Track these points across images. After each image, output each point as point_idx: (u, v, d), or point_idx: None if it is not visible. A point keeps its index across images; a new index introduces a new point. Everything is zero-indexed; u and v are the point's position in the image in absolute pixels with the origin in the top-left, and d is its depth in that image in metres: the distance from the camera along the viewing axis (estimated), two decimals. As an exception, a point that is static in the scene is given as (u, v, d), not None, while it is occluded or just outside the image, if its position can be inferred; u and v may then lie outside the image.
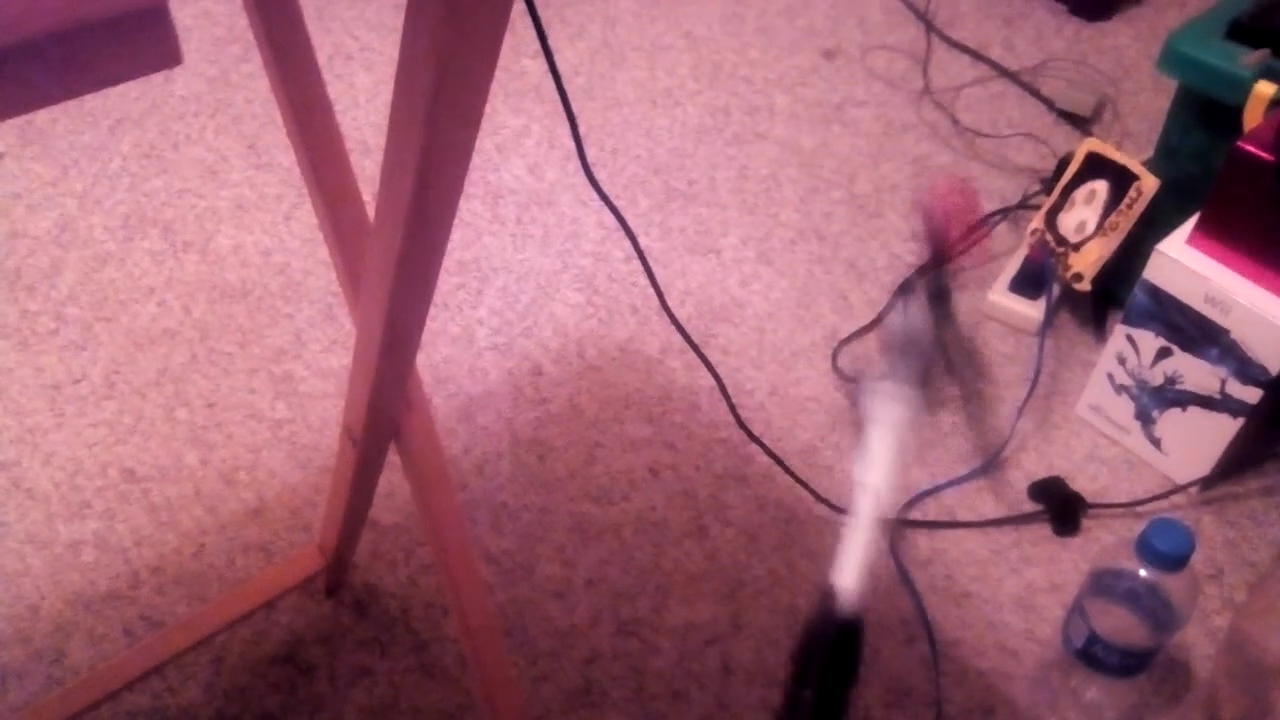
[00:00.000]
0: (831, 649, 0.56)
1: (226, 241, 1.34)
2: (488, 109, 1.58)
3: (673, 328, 1.26)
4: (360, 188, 0.67)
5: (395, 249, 0.50)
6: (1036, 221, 1.29)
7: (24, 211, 1.36)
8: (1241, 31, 1.09)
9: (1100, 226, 1.23)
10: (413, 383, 0.70)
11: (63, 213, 1.36)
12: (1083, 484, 1.13)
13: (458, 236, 1.37)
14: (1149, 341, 1.10)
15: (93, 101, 1.54)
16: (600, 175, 1.47)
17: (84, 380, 1.18)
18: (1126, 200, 1.21)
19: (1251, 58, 1.07)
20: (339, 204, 0.62)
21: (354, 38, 1.65)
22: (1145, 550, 0.85)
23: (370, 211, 0.63)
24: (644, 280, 1.32)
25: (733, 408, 1.15)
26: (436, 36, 0.37)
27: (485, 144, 1.50)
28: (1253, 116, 1.05)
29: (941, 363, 0.68)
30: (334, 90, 1.50)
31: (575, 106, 1.56)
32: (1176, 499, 1.13)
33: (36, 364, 1.19)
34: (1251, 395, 1.04)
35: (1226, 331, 1.02)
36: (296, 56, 0.60)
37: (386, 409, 0.69)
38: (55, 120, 1.49)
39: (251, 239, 1.34)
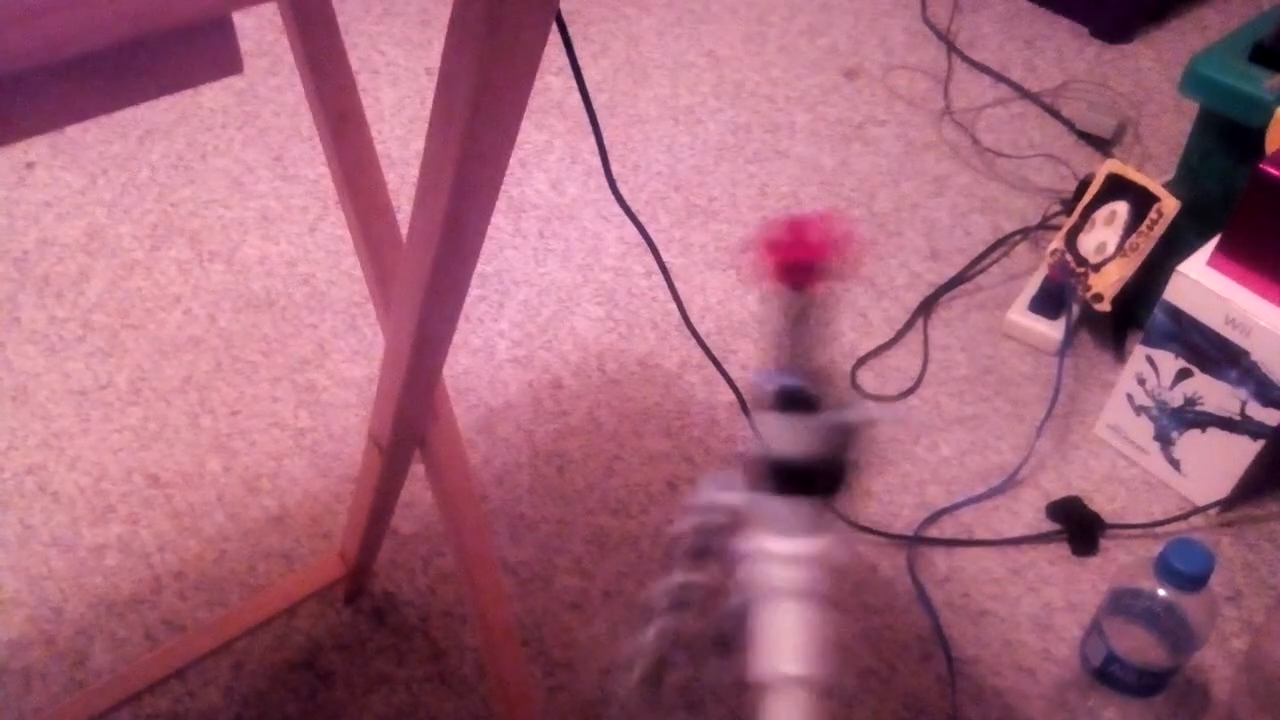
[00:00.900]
0: None
1: (252, 252, 1.35)
2: (511, 124, 1.59)
3: (692, 342, 1.27)
4: (389, 197, 0.68)
5: (429, 259, 0.51)
6: (1056, 242, 1.29)
7: (53, 220, 1.38)
8: (1264, 55, 1.10)
9: (1120, 247, 1.23)
10: (439, 392, 0.71)
11: (91, 221, 1.38)
12: (1101, 504, 1.13)
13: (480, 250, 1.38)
14: (1169, 362, 1.10)
15: (122, 112, 1.56)
16: (621, 191, 1.48)
17: (110, 386, 1.19)
18: (1147, 222, 1.22)
19: (1274, 81, 1.07)
20: (371, 214, 0.64)
21: (380, 52, 1.67)
22: (1164, 569, 0.85)
23: (399, 223, 0.64)
24: (664, 295, 1.33)
25: (752, 424, 1.15)
26: (477, 51, 0.37)
27: (508, 158, 1.52)
28: (1275, 139, 1.05)
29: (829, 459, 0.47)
30: (360, 104, 1.52)
31: (598, 123, 1.58)
32: (1195, 521, 1.12)
33: (64, 370, 1.21)
34: (1272, 417, 1.04)
35: (1247, 353, 1.03)
36: (332, 68, 0.61)
37: (413, 417, 0.70)
38: (85, 130, 1.51)
39: (277, 250, 1.36)
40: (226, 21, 0.24)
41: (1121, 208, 1.25)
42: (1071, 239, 1.28)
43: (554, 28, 0.70)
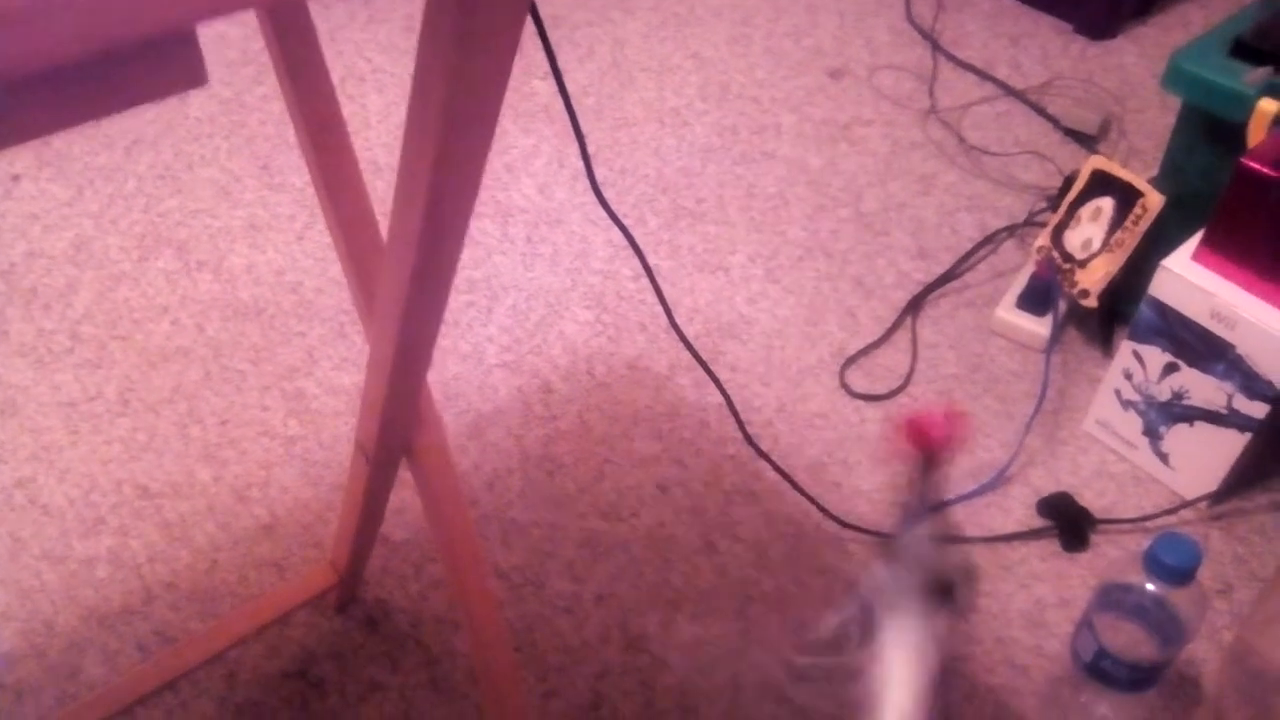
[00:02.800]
0: None
1: (239, 261, 1.35)
2: (498, 129, 1.59)
3: (681, 345, 1.27)
4: (372, 206, 0.68)
5: (408, 267, 0.51)
6: (1043, 239, 1.30)
7: (40, 231, 1.38)
8: (1244, 50, 1.10)
9: (1106, 243, 1.23)
10: (425, 399, 0.71)
11: (79, 233, 1.38)
12: (1090, 499, 1.13)
13: (468, 255, 1.38)
14: (1155, 357, 1.10)
15: (108, 123, 1.56)
16: (609, 194, 1.48)
17: (99, 398, 1.19)
18: (1132, 217, 1.22)
19: (1255, 75, 1.07)
20: (353, 223, 0.64)
21: (366, 60, 1.67)
22: (1152, 564, 0.85)
23: (383, 231, 0.64)
24: (652, 298, 1.33)
25: (741, 424, 1.15)
26: (449, 60, 0.38)
27: (495, 164, 1.52)
28: (1256, 133, 1.06)
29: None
30: (346, 112, 1.52)
31: (584, 127, 1.58)
32: (1185, 514, 1.13)
33: (52, 382, 1.20)
34: (1258, 410, 1.04)
35: (1232, 347, 1.03)
36: (312, 79, 0.61)
37: (399, 425, 0.70)
38: (71, 142, 1.51)
39: (264, 258, 1.36)
40: (190, 35, 0.24)
41: (1107, 203, 1.25)
42: (1058, 235, 1.29)
43: (537, 34, 0.70)
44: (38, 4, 0.21)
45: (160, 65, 0.24)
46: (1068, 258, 1.26)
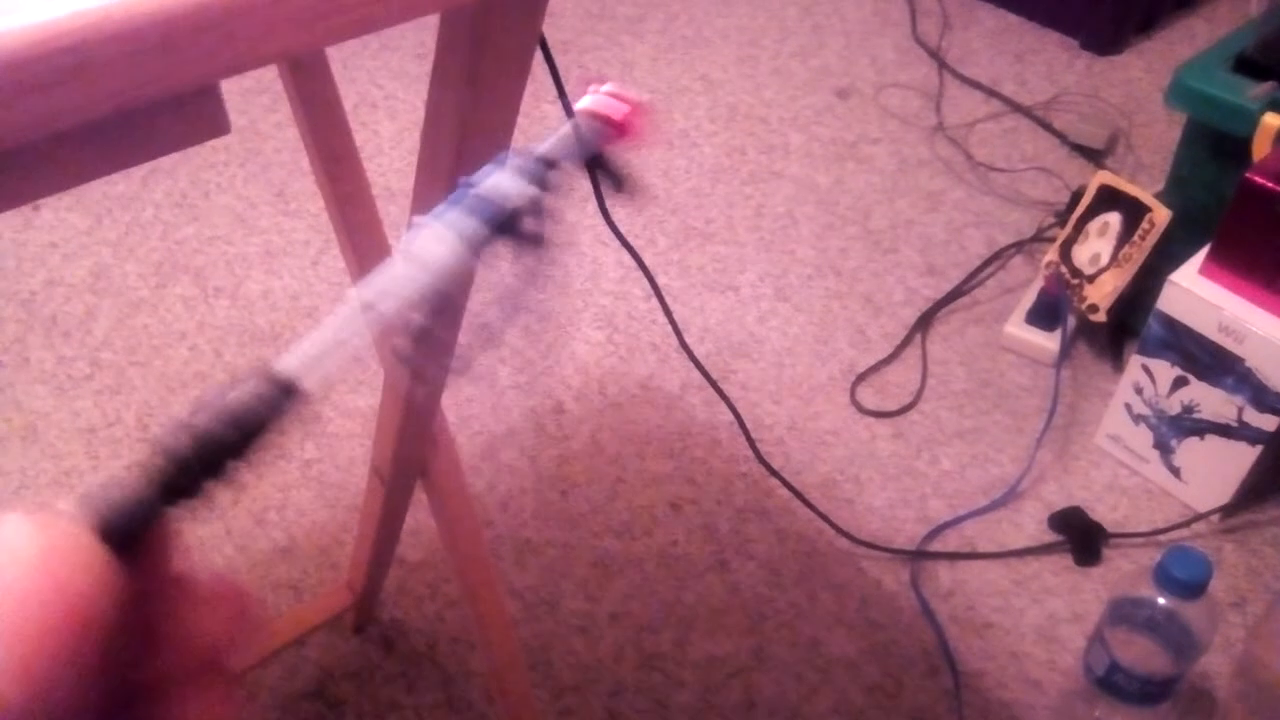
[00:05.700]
0: (233, 417, 0.43)
1: (256, 286, 1.37)
2: (508, 153, 1.61)
3: (692, 364, 1.28)
4: (385, 232, 0.69)
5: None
6: (1051, 254, 1.31)
7: (60, 260, 1.40)
8: (1248, 65, 1.11)
9: (1114, 258, 1.24)
10: (438, 422, 0.72)
11: (97, 261, 1.40)
12: (1103, 514, 1.14)
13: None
14: (1165, 371, 1.11)
15: (126, 152, 1.58)
16: (619, 216, 1.49)
17: (118, 423, 1.21)
18: (1139, 232, 1.23)
19: (1258, 90, 1.08)
20: (367, 250, 0.65)
21: (378, 86, 1.69)
22: (1163, 578, 0.86)
23: (396, 257, 0.66)
24: (663, 318, 1.34)
25: (752, 443, 1.16)
26: (460, 94, 0.39)
27: (506, 187, 1.53)
28: (1261, 147, 1.06)
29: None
30: (359, 137, 1.53)
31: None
32: (1197, 527, 1.13)
33: (72, 408, 1.22)
34: (1269, 423, 1.04)
35: (1241, 360, 1.03)
36: (325, 109, 0.63)
37: (413, 448, 0.71)
38: (90, 171, 1.53)
39: (280, 284, 1.38)
40: (214, 88, 0.26)
41: (1114, 218, 1.26)
42: (1066, 251, 1.29)
43: (544, 57, 0.72)
44: (74, 68, 0.22)
45: (186, 117, 0.26)
46: (1076, 273, 1.27)
